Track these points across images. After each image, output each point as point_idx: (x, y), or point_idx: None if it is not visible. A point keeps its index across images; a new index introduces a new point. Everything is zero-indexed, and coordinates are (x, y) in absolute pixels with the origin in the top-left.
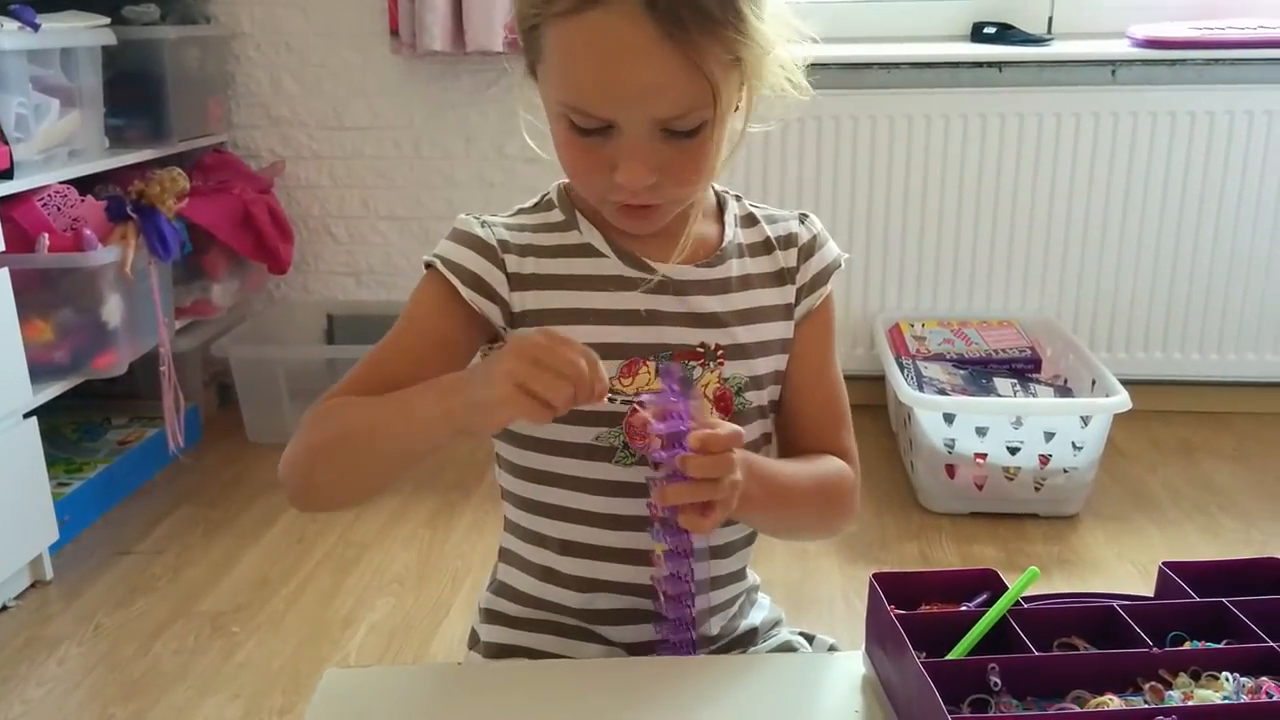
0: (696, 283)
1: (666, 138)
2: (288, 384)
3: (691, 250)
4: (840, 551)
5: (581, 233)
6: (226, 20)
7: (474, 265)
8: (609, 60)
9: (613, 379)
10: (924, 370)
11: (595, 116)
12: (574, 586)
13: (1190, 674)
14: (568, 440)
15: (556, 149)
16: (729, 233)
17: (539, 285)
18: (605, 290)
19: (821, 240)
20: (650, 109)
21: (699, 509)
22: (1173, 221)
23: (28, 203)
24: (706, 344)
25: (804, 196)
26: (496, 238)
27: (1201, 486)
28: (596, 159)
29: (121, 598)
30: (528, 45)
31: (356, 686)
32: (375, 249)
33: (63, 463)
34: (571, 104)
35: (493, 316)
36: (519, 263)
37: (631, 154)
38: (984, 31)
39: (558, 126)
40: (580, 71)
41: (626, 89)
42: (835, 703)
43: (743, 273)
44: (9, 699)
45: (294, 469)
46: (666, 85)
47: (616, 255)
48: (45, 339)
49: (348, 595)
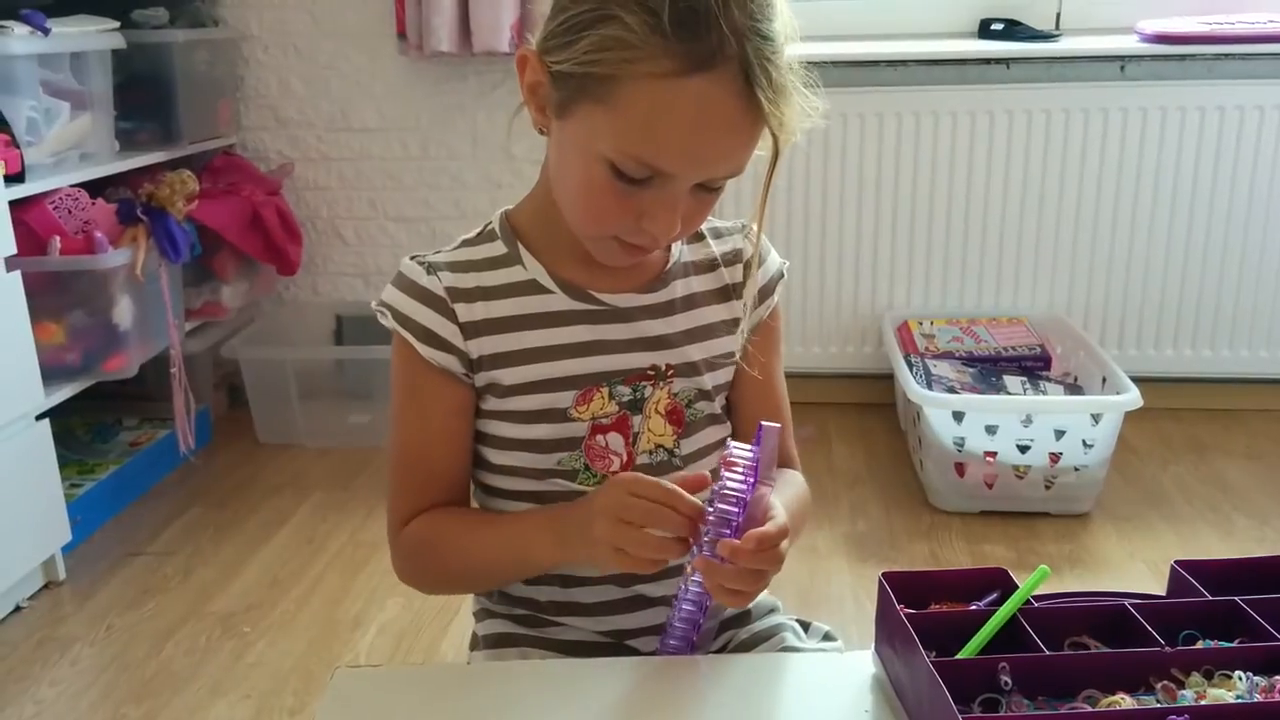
0: (642, 308)
1: (695, 191)
2: (297, 384)
3: (636, 274)
4: (850, 551)
5: (526, 268)
6: (235, 23)
7: (424, 319)
8: (707, 127)
9: (568, 409)
10: (933, 368)
11: (660, 171)
12: (554, 582)
13: (1203, 673)
14: (528, 466)
15: (577, 189)
16: (675, 252)
17: (490, 330)
18: (554, 327)
19: (764, 252)
20: (719, 170)
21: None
22: (1183, 217)
23: (39, 206)
24: (657, 365)
25: (811, 195)
26: (444, 285)
27: (1214, 484)
28: (626, 206)
29: (133, 598)
30: (580, 87)
31: (366, 686)
32: (383, 250)
33: (75, 464)
34: (639, 155)
35: (452, 367)
36: (468, 310)
37: (671, 206)
38: (991, 28)
39: (593, 169)
40: (671, 131)
41: (713, 153)
42: (845, 702)
43: (688, 292)
44: (22, 699)
45: (416, 584)
46: (742, 148)
47: (561, 290)
48: (57, 341)
49: (358, 596)
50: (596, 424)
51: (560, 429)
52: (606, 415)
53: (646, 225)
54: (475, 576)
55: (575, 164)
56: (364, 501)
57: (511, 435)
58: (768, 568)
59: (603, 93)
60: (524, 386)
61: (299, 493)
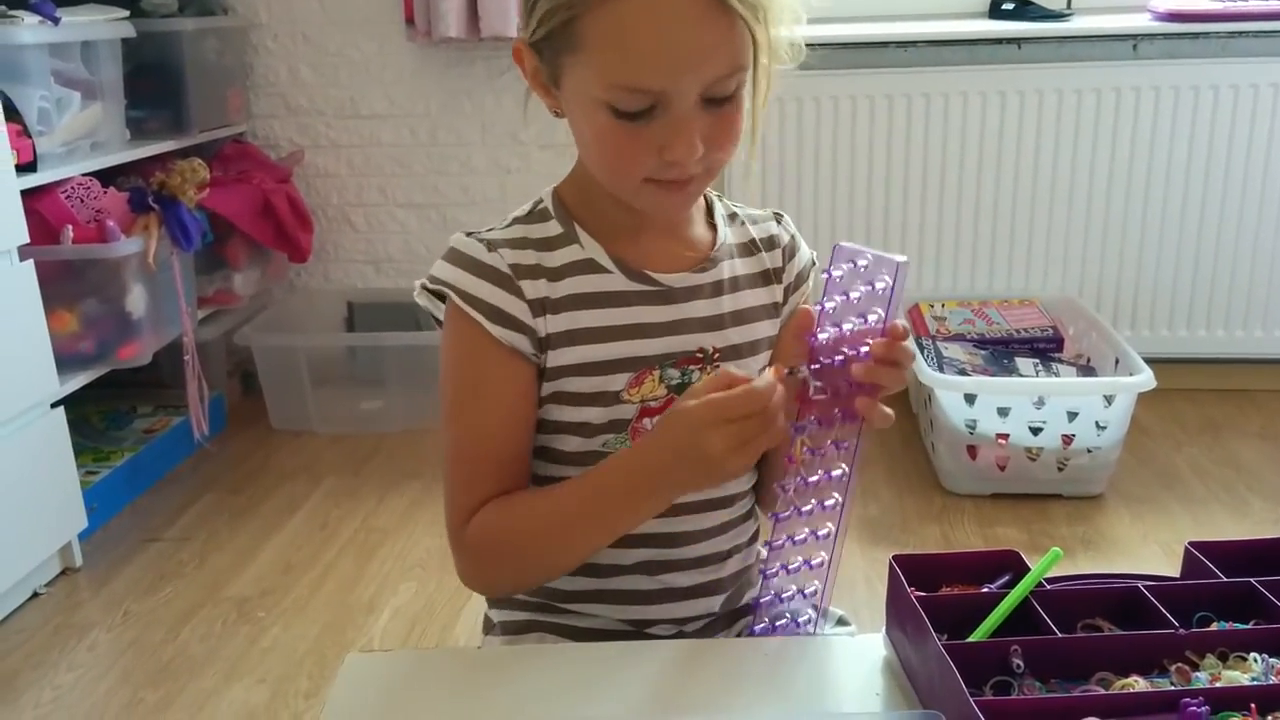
0: (694, 288)
1: (706, 107)
2: (310, 371)
3: (688, 253)
4: (862, 534)
5: (583, 247)
6: (244, 11)
7: (492, 297)
8: (669, 27)
9: (620, 391)
10: (944, 350)
11: (648, 91)
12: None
13: (1217, 655)
14: (572, 451)
15: (592, 144)
16: (722, 234)
17: (554, 309)
18: (612, 306)
19: (798, 240)
20: (705, 72)
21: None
22: (1196, 197)
23: (51, 195)
24: (705, 348)
25: (821, 176)
26: (507, 263)
27: (1228, 465)
28: (642, 143)
29: (150, 584)
30: (556, 47)
31: (377, 670)
32: (394, 236)
33: (90, 451)
34: (624, 82)
35: (523, 347)
36: (533, 287)
37: (683, 127)
38: (1002, 8)
39: (597, 117)
40: (638, 44)
41: (687, 53)
42: (856, 685)
43: (733, 274)
44: (40, 684)
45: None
46: (720, 46)
47: (619, 269)
48: (71, 330)
49: (371, 580)
50: (645, 407)
51: (610, 412)
52: (656, 398)
53: (667, 155)
54: (556, 550)
55: (583, 123)
56: (376, 487)
57: (560, 419)
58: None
59: (571, 40)
60: (580, 368)
61: (312, 479)
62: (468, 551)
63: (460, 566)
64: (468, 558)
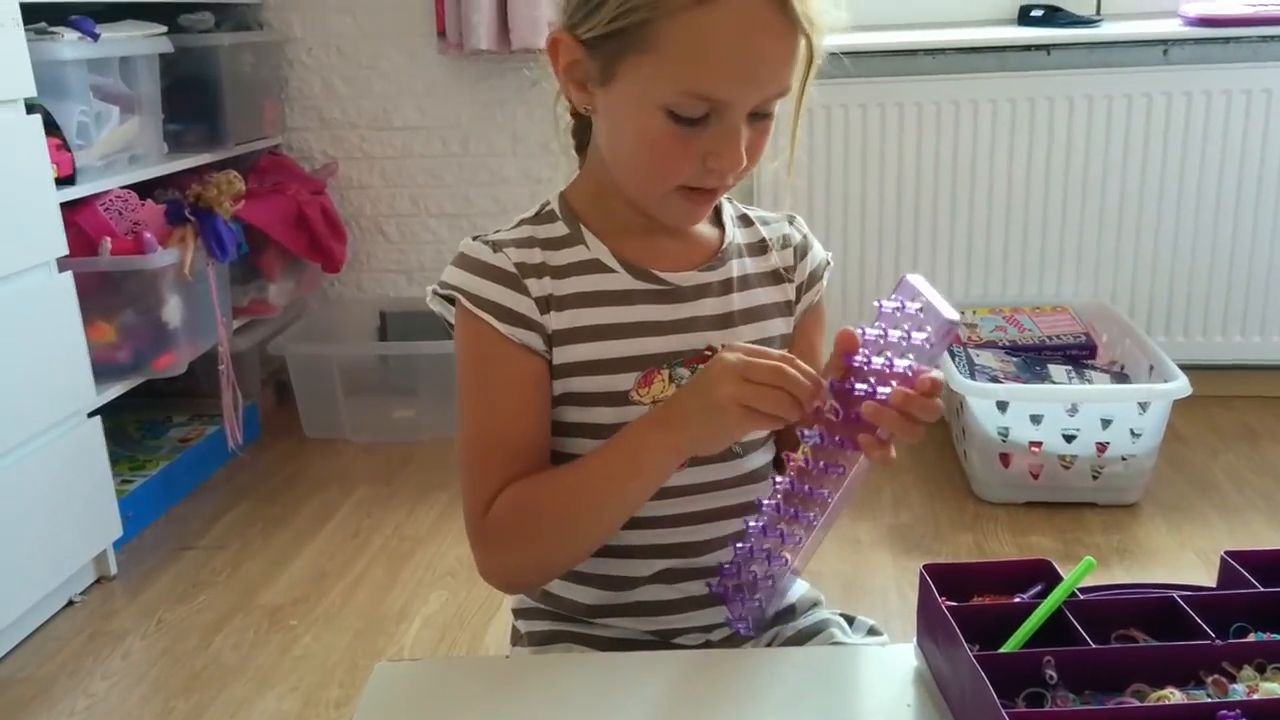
0: (702, 286)
1: (749, 120)
2: (343, 380)
3: (696, 252)
4: (893, 542)
5: (588, 248)
6: (279, 26)
7: (499, 297)
8: (750, 40)
9: (629, 391)
10: (976, 358)
11: (713, 100)
12: (599, 585)
13: (1255, 667)
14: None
15: (636, 144)
16: (729, 233)
17: (559, 306)
18: (618, 305)
19: (811, 240)
20: (770, 87)
21: (883, 442)
22: (1230, 202)
23: (90, 207)
24: (714, 346)
25: (851, 184)
26: (513, 262)
27: (1266, 473)
28: (689, 150)
29: (183, 592)
30: (619, 45)
31: (406, 679)
32: (426, 246)
33: (126, 460)
34: (695, 89)
35: (533, 344)
36: (539, 285)
37: (734, 137)
38: (1031, 14)
39: (651, 120)
40: (718, 53)
41: (764, 67)
42: (887, 696)
43: (743, 273)
44: (75, 692)
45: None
46: (788, 62)
47: (625, 269)
48: (108, 340)
49: (402, 589)
50: None
51: (621, 413)
52: (666, 398)
53: (712, 163)
54: (583, 519)
55: (630, 123)
56: (408, 496)
57: (570, 420)
58: (930, 418)
59: (643, 41)
60: (586, 366)
61: (344, 488)
62: (488, 537)
63: (479, 557)
64: (488, 544)
